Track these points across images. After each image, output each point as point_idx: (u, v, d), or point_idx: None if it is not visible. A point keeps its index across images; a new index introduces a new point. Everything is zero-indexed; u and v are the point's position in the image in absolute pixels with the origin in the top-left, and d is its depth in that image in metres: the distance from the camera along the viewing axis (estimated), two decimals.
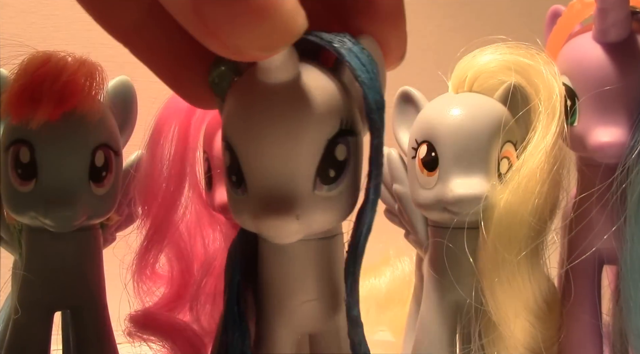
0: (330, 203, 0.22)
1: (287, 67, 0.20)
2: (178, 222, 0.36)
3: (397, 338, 0.46)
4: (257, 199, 0.21)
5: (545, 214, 0.29)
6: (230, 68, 0.23)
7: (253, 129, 0.21)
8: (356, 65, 0.21)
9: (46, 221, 0.29)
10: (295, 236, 0.21)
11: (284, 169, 0.21)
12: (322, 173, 0.21)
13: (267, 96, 0.21)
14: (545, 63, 0.30)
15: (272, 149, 0.21)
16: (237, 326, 0.23)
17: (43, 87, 0.28)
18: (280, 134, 0.20)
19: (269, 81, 0.21)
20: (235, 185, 0.22)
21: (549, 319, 0.30)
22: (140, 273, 0.36)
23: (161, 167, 0.34)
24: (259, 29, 0.17)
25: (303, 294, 0.24)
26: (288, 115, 0.20)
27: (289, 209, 0.20)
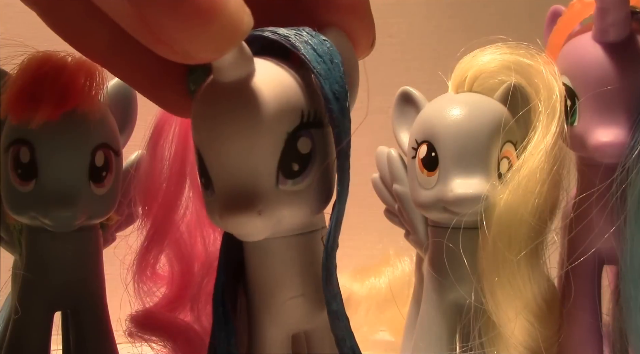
0: (297, 197, 0.22)
1: (239, 65, 0.20)
2: (178, 223, 0.36)
3: (397, 338, 0.46)
4: (222, 198, 0.21)
5: (545, 214, 0.29)
6: (204, 71, 0.22)
7: (213, 129, 0.21)
8: (311, 56, 0.21)
9: (46, 221, 0.29)
10: (262, 233, 0.21)
11: (243, 166, 0.21)
12: (285, 167, 0.21)
13: (223, 95, 0.21)
14: (545, 63, 0.30)
15: (230, 147, 0.21)
16: (222, 326, 0.23)
17: (43, 87, 0.28)
18: (236, 131, 0.20)
19: (223, 80, 0.21)
20: (205, 186, 0.22)
21: (549, 319, 0.30)
22: (141, 273, 0.36)
23: (161, 167, 0.34)
24: (205, 32, 0.17)
25: (287, 291, 0.24)
26: (242, 111, 0.20)
27: (250, 205, 0.20)
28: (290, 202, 0.22)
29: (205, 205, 0.23)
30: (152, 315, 0.35)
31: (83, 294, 0.32)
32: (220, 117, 0.21)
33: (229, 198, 0.21)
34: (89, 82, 0.29)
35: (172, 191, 0.35)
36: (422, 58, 0.64)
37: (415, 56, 0.65)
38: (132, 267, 0.35)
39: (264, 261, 0.24)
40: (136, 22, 0.17)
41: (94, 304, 0.32)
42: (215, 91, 0.21)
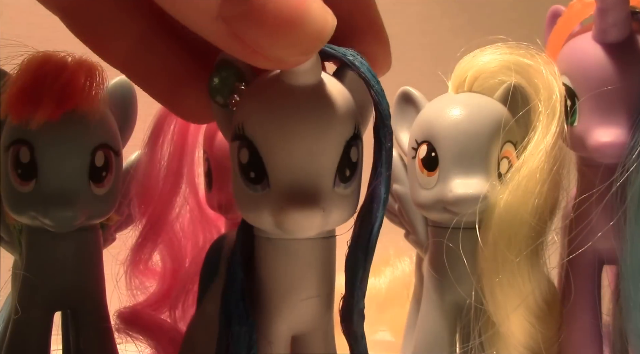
0: (345, 201, 0.23)
1: (315, 71, 0.22)
2: (173, 221, 0.36)
3: (397, 338, 0.46)
4: (283, 194, 0.22)
5: (545, 214, 0.29)
6: (233, 73, 0.24)
7: (282, 127, 0.22)
8: (369, 76, 0.22)
9: (46, 221, 0.29)
10: (317, 229, 0.22)
11: (310, 165, 0.22)
12: (341, 171, 0.23)
13: (296, 97, 0.22)
14: (545, 63, 0.30)
15: (300, 146, 0.22)
16: (243, 322, 0.24)
17: (43, 87, 0.28)
18: (309, 132, 0.22)
19: (296, 84, 0.22)
20: (253, 181, 0.23)
21: (549, 319, 0.30)
22: (134, 267, 0.36)
23: (159, 166, 0.35)
24: (295, 36, 0.18)
25: (305, 291, 0.24)
26: (315, 115, 0.22)
27: (316, 202, 0.22)
28: (340, 204, 0.23)
29: (245, 200, 0.23)
30: (138, 313, 0.35)
31: (83, 294, 0.32)
32: (291, 118, 0.22)
33: (293, 194, 0.22)
34: (89, 82, 0.29)
35: (168, 189, 0.35)
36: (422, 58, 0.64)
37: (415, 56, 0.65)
38: (126, 261, 0.35)
39: (286, 261, 0.24)
40: (230, 39, 0.19)
41: (94, 304, 0.32)
42: (287, 92, 0.22)
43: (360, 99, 0.24)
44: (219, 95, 0.24)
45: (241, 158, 0.23)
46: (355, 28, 0.24)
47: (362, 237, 0.24)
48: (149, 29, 0.24)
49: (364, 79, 0.22)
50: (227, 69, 0.24)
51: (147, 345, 0.35)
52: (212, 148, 0.35)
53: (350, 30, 0.23)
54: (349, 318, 0.24)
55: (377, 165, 0.23)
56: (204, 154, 0.36)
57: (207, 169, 0.36)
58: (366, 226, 0.24)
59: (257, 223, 0.24)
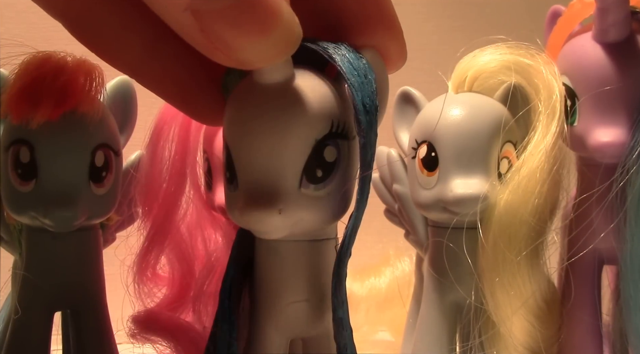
0: (317, 203, 0.22)
1: (280, 69, 0.21)
2: (179, 223, 0.36)
3: (397, 338, 0.46)
4: (245, 193, 0.22)
5: (545, 214, 0.29)
6: (239, 72, 0.24)
7: (244, 125, 0.22)
8: (347, 69, 0.21)
9: (46, 221, 0.29)
10: (280, 231, 0.22)
11: (270, 165, 0.22)
12: (309, 172, 0.22)
13: (260, 95, 0.22)
14: (545, 63, 0.30)
15: (260, 145, 0.21)
16: (225, 319, 0.24)
17: (43, 87, 0.28)
18: (269, 130, 0.21)
19: (263, 82, 0.22)
20: (229, 181, 0.23)
21: (549, 319, 0.30)
22: (141, 274, 0.35)
23: (161, 168, 0.34)
24: (262, 42, 0.18)
25: (292, 295, 0.24)
26: (277, 113, 0.21)
27: (272, 203, 0.21)
28: (310, 206, 0.22)
29: (226, 199, 0.24)
30: (154, 315, 0.35)
31: (83, 294, 0.32)
32: (255, 116, 0.22)
33: (252, 194, 0.21)
34: (89, 82, 0.29)
35: (172, 191, 0.35)
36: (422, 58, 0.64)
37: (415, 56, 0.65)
38: (133, 268, 0.35)
39: (273, 262, 0.24)
40: (198, 33, 0.18)
41: (94, 304, 0.32)
42: (253, 90, 0.22)
43: None
44: (226, 93, 0.24)
45: (224, 157, 0.23)
46: (367, 21, 0.23)
47: (342, 243, 0.23)
48: (156, 36, 0.24)
49: (341, 71, 0.21)
50: (236, 71, 0.24)
51: (165, 346, 0.35)
52: (212, 148, 0.34)
53: (362, 23, 0.23)
54: (334, 326, 0.24)
55: (361, 164, 0.22)
56: (204, 154, 0.36)
57: (207, 169, 0.35)
58: (347, 229, 0.23)
59: (235, 222, 0.23)
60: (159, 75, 0.25)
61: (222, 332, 0.24)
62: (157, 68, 0.25)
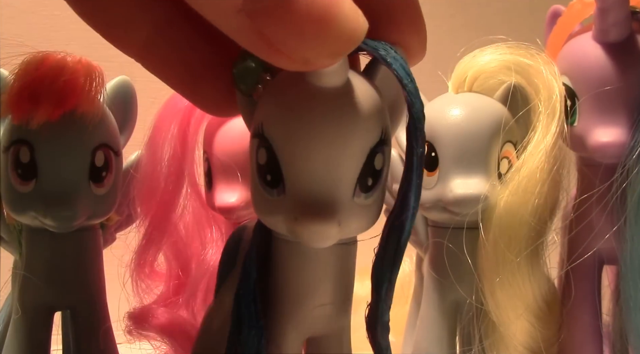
0: (364, 211, 0.22)
1: (341, 72, 0.20)
2: (177, 221, 0.36)
3: (397, 338, 0.45)
4: (299, 202, 0.20)
5: (545, 214, 0.29)
6: (259, 63, 0.22)
7: (302, 129, 0.20)
8: (402, 74, 0.20)
9: (46, 221, 0.29)
10: (332, 241, 0.21)
11: (329, 174, 0.20)
12: (362, 181, 0.21)
13: (319, 99, 0.20)
14: (545, 63, 0.30)
15: (320, 152, 0.20)
16: (253, 324, 0.23)
17: (43, 87, 0.28)
18: (331, 137, 0.20)
19: (320, 85, 0.20)
20: (269, 185, 0.21)
21: (549, 319, 0.30)
22: (139, 271, 0.36)
23: (160, 166, 0.34)
24: (324, 37, 0.17)
25: (319, 298, 0.23)
26: (339, 120, 0.20)
27: (332, 214, 0.20)
28: (359, 215, 0.22)
29: (260, 202, 0.22)
30: (149, 312, 0.35)
31: (83, 294, 0.32)
32: (313, 121, 0.20)
33: (310, 204, 0.20)
34: (89, 82, 0.29)
35: (170, 190, 0.35)
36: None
37: None
38: (130, 265, 0.35)
39: (302, 266, 0.23)
40: (253, 36, 0.17)
41: (94, 304, 0.32)
42: (310, 93, 0.20)
43: (391, 98, 0.22)
44: (243, 83, 0.23)
45: (259, 158, 0.22)
46: (390, 15, 0.22)
47: (389, 249, 0.22)
48: (167, 18, 0.23)
49: (397, 77, 0.20)
50: (253, 57, 0.22)
51: (162, 343, 0.35)
52: (211, 148, 0.34)
53: (385, 17, 0.21)
54: (373, 329, 0.23)
55: (408, 172, 0.22)
56: (203, 154, 0.36)
57: (207, 169, 0.35)
58: (394, 236, 0.22)
59: (273, 227, 0.22)
60: (167, 59, 0.24)
61: (250, 337, 0.23)
62: (165, 52, 0.23)
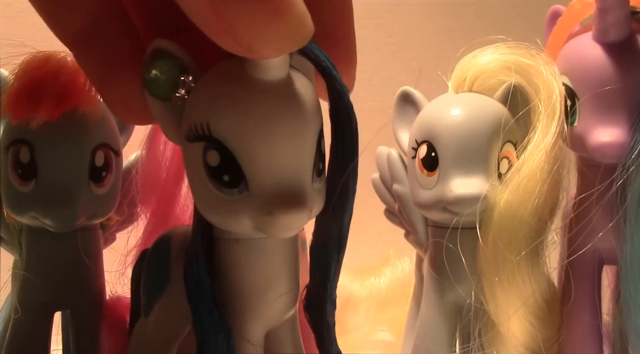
0: (320, 195, 0.23)
1: (285, 65, 0.21)
2: (179, 216, 0.36)
3: (397, 338, 0.46)
4: (270, 196, 0.21)
5: (545, 214, 0.29)
6: (175, 64, 0.22)
7: (260, 125, 0.20)
8: (323, 57, 0.22)
9: (46, 221, 0.29)
10: (298, 230, 0.21)
11: (294, 164, 0.21)
12: (316, 166, 0.22)
13: (271, 94, 0.21)
14: (545, 63, 0.30)
15: (283, 145, 0.21)
16: (220, 329, 0.23)
17: (43, 87, 0.28)
18: (290, 129, 0.21)
19: (265, 78, 0.21)
20: (228, 185, 0.21)
21: (549, 319, 0.30)
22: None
23: (159, 164, 0.34)
24: (273, 30, 0.17)
25: (279, 289, 0.24)
26: (293, 111, 0.21)
27: (304, 202, 0.21)
28: (318, 200, 0.23)
29: (214, 205, 0.22)
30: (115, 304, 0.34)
31: (83, 294, 0.32)
32: (270, 116, 0.20)
33: (281, 195, 0.21)
34: (89, 82, 0.29)
35: (170, 186, 0.35)
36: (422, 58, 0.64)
37: (415, 56, 0.65)
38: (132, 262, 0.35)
39: (261, 261, 0.24)
40: (209, 12, 0.18)
41: (94, 305, 0.32)
42: (258, 88, 0.21)
43: None
44: (160, 87, 0.22)
45: (209, 161, 0.21)
46: (327, 40, 0.22)
47: (333, 231, 0.23)
48: (106, 8, 0.23)
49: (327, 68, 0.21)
50: (167, 59, 0.22)
51: None
52: None
53: (322, 42, 0.22)
54: (321, 308, 0.24)
55: (344, 157, 0.22)
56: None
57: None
58: (337, 219, 0.23)
59: (231, 227, 0.22)
60: (92, 54, 0.24)
61: (219, 342, 0.23)
62: (93, 46, 0.23)
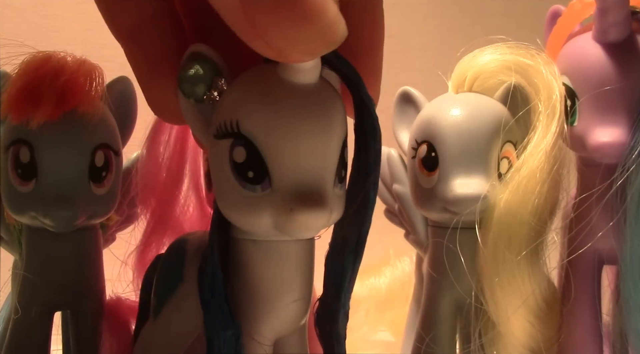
0: (340, 202, 0.23)
1: (316, 70, 0.21)
2: (179, 217, 0.36)
3: (397, 338, 0.46)
4: (292, 193, 0.21)
5: (545, 214, 0.29)
6: (210, 67, 0.23)
7: (288, 124, 0.21)
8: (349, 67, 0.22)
9: (46, 221, 0.29)
10: (318, 231, 0.22)
11: (317, 164, 0.22)
12: (338, 172, 0.22)
13: (300, 95, 0.21)
14: (545, 63, 0.30)
15: (307, 145, 0.21)
16: (229, 325, 0.23)
17: (43, 87, 0.28)
18: (316, 130, 0.21)
19: (296, 81, 0.21)
20: (252, 182, 0.22)
21: (549, 319, 0.30)
22: (141, 267, 0.36)
23: (160, 163, 0.34)
24: (303, 34, 0.18)
25: (293, 294, 0.24)
26: (320, 114, 0.22)
27: (325, 202, 0.21)
28: (338, 205, 0.23)
29: (238, 202, 0.22)
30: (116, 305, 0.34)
31: (83, 294, 0.32)
32: (299, 115, 0.21)
33: (303, 193, 0.21)
34: (89, 82, 0.29)
35: (170, 186, 0.35)
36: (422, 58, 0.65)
37: (415, 56, 0.65)
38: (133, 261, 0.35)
39: (276, 263, 0.24)
40: (241, 16, 0.18)
41: (94, 305, 0.32)
42: (288, 89, 0.21)
43: None
44: (195, 88, 0.23)
45: (235, 157, 0.22)
46: (354, 51, 0.23)
47: (350, 240, 0.23)
48: (160, 6, 0.24)
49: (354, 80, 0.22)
50: (203, 62, 0.23)
51: None
52: None
53: (349, 52, 0.22)
54: (334, 319, 0.24)
55: (366, 167, 0.23)
56: (204, 154, 0.36)
57: (207, 170, 0.36)
58: (355, 228, 0.23)
59: (252, 225, 0.23)
60: (144, 50, 0.24)
61: (228, 338, 0.23)
62: (145, 42, 0.24)
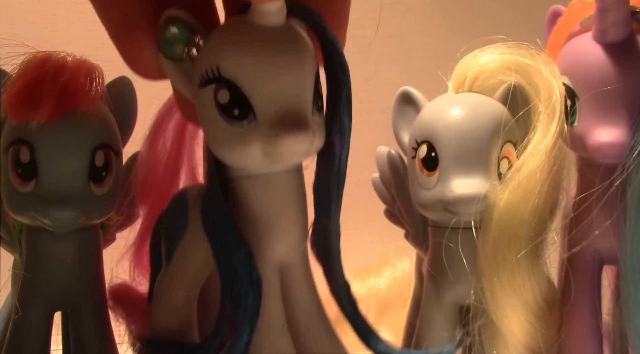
0: (320, 129, 0.25)
1: (282, 13, 0.24)
2: None
3: (397, 338, 0.46)
4: (276, 121, 0.23)
5: (545, 214, 0.29)
6: (186, 27, 0.25)
7: (264, 61, 0.24)
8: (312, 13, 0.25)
9: (46, 221, 0.29)
10: (304, 156, 0.25)
11: (296, 93, 0.24)
12: (315, 101, 0.25)
13: (271, 35, 0.24)
14: (545, 63, 0.30)
15: (284, 76, 0.24)
16: (240, 244, 0.25)
17: (43, 87, 0.28)
18: (289, 64, 0.24)
19: (265, 24, 0.24)
20: (238, 118, 0.24)
21: (549, 319, 0.30)
22: (138, 262, 0.36)
23: (158, 159, 0.34)
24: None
25: (288, 218, 0.26)
26: (292, 49, 0.24)
27: (308, 126, 0.24)
28: (318, 132, 0.25)
29: (228, 139, 0.24)
30: (123, 288, 0.35)
31: (83, 294, 0.32)
32: (273, 52, 0.24)
33: (287, 119, 0.23)
34: (89, 82, 0.29)
35: (167, 182, 0.35)
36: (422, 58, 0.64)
37: (415, 56, 0.65)
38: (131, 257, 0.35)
39: (268, 194, 0.26)
40: None
41: (94, 304, 0.32)
42: (260, 32, 0.24)
43: None
44: (173, 49, 0.25)
45: (220, 99, 0.24)
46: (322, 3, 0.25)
47: (332, 166, 0.26)
48: None
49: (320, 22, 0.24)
50: (178, 23, 0.25)
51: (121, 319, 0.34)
52: None
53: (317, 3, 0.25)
54: (327, 233, 0.26)
55: (338, 101, 0.25)
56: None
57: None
58: (335, 154, 0.26)
59: (243, 159, 0.24)
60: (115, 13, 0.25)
61: (241, 257, 0.24)
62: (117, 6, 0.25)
